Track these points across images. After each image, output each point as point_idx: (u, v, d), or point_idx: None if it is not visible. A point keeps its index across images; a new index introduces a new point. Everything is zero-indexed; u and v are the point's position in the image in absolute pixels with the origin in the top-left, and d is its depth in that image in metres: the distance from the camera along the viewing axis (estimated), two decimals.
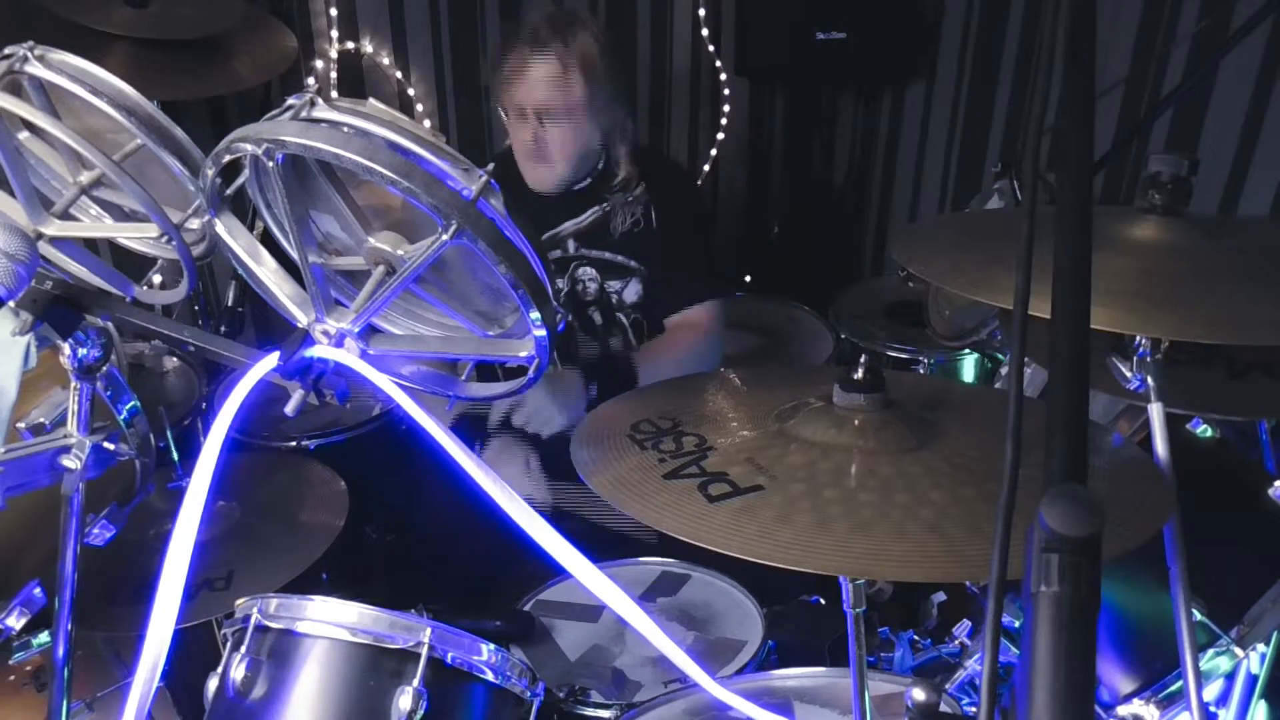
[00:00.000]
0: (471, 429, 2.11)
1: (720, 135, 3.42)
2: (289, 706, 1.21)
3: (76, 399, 1.14)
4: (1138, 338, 1.26)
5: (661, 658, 1.46)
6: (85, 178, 1.18)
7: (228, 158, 0.98)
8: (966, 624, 1.71)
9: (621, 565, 1.84)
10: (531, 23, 1.98)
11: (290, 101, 0.98)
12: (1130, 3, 2.57)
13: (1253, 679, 1.36)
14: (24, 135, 1.18)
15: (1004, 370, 2.39)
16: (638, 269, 2.15)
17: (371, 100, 0.99)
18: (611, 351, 2.21)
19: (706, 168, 3.46)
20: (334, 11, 2.88)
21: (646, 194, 2.12)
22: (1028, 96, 2.97)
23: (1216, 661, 1.33)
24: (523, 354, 1.11)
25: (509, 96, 1.98)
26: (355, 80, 2.99)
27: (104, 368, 1.15)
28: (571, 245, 2.14)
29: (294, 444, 2.12)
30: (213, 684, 1.25)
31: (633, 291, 2.17)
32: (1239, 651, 1.32)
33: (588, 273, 2.15)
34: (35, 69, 1.04)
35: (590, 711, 1.49)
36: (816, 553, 0.99)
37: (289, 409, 1.08)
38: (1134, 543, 1.02)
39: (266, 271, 1.12)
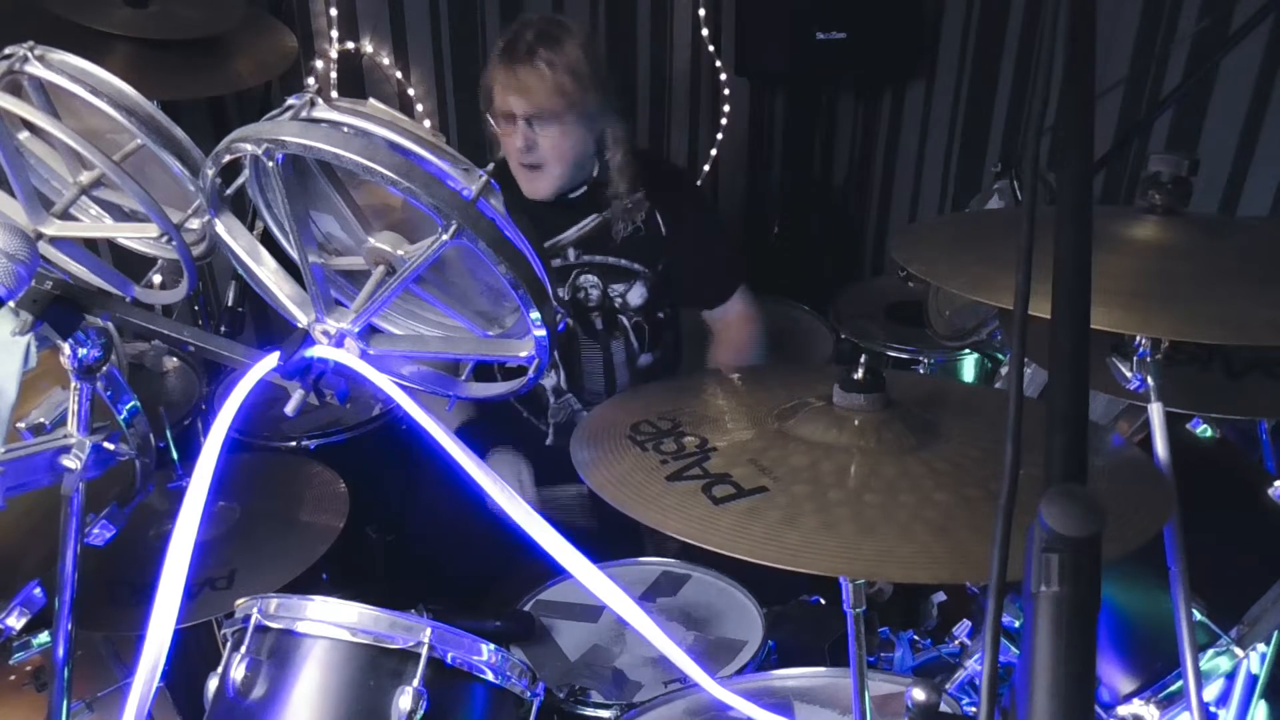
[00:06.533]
0: (473, 437, 2.12)
1: (720, 135, 3.42)
2: (289, 706, 1.21)
3: (76, 399, 1.14)
4: (1138, 338, 1.26)
5: (661, 658, 1.46)
6: (85, 178, 1.18)
7: (228, 158, 0.98)
8: (966, 624, 1.70)
9: (621, 565, 1.84)
10: (518, 30, 1.98)
11: (290, 101, 0.98)
12: (1130, 3, 2.57)
13: (1253, 679, 1.36)
14: (24, 135, 1.18)
15: (1004, 370, 2.39)
16: (642, 272, 2.15)
17: (371, 100, 0.99)
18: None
19: (706, 168, 3.46)
20: (334, 11, 2.88)
21: (647, 199, 2.12)
22: (1028, 96, 2.97)
23: (1216, 661, 1.33)
24: (523, 354, 1.11)
25: (498, 104, 1.98)
26: (355, 80, 2.99)
27: (104, 368, 1.15)
28: (572, 254, 2.14)
29: (294, 444, 2.12)
30: (213, 684, 1.25)
31: (637, 295, 2.16)
32: (1239, 651, 1.32)
33: (589, 280, 2.15)
34: (35, 69, 1.04)
35: (590, 711, 1.49)
36: (824, 555, 1.00)
37: (289, 409, 1.08)
38: (1134, 543, 1.02)
39: (266, 271, 1.12)
